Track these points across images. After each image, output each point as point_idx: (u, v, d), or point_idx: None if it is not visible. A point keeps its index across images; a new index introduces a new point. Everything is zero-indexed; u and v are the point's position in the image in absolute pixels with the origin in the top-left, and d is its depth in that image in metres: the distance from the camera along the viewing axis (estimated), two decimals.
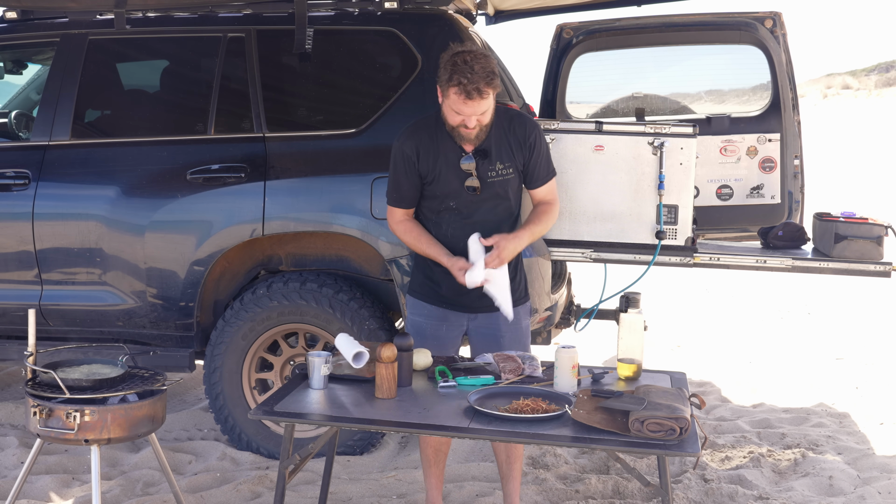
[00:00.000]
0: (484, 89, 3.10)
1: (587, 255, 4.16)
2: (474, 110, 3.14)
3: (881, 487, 3.92)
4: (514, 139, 3.33)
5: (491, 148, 3.30)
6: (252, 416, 2.87)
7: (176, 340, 4.36)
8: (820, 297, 8.16)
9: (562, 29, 5.30)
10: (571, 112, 5.42)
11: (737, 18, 5.11)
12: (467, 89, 3.08)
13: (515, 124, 3.35)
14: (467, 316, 3.45)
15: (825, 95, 36.61)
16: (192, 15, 4.51)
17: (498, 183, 3.33)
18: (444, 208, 3.38)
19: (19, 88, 5.66)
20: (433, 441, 3.45)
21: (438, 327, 3.47)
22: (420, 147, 3.31)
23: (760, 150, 4.99)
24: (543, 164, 3.40)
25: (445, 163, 3.31)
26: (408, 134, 3.35)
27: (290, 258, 4.39)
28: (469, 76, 3.07)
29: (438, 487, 3.55)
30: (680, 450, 2.55)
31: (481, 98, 3.11)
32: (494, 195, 3.35)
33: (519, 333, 3.44)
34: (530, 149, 3.35)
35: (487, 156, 3.30)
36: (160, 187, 4.22)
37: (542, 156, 3.39)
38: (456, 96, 3.11)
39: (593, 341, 6.01)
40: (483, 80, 3.09)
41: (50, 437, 3.19)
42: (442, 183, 3.33)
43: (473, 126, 3.19)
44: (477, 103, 3.12)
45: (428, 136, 3.31)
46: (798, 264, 4.19)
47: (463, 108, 3.13)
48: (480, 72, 3.09)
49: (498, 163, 3.31)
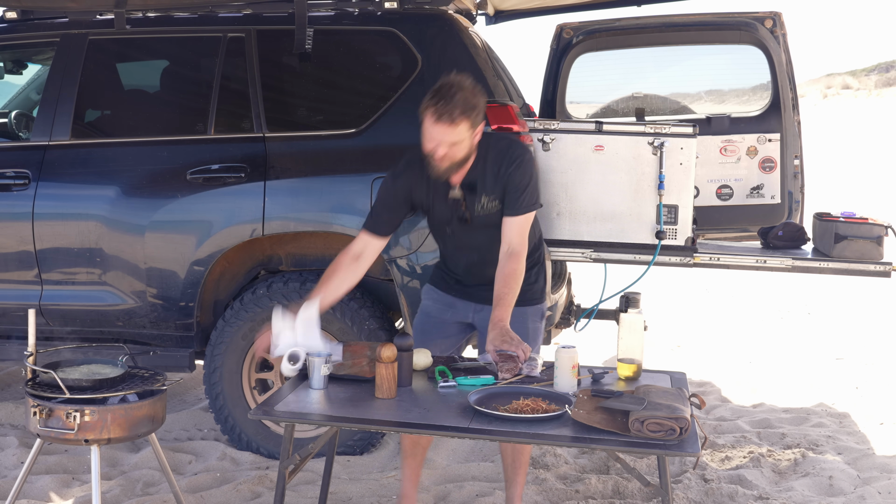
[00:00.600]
0: (457, 117, 3.06)
1: (587, 255, 4.16)
2: (442, 136, 3.09)
3: (881, 487, 3.92)
4: (497, 169, 3.27)
5: (476, 181, 3.28)
6: (252, 416, 2.86)
7: (176, 340, 4.36)
8: (820, 297, 8.16)
9: (562, 29, 5.30)
10: (571, 112, 5.43)
11: (737, 18, 5.12)
12: (439, 112, 3.05)
13: (504, 155, 3.27)
14: (473, 306, 3.47)
15: (825, 95, 36.61)
16: (192, 15, 4.51)
17: (487, 216, 3.32)
18: (441, 234, 3.45)
19: (19, 88, 5.66)
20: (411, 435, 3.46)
21: (444, 311, 3.52)
22: (412, 183, 3.31)
23: (760, 150, 5.00)
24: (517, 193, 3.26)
25: (437, 195, 3.32)
26: (399, 171, 3.35)
27: (290, 258, 4.39)
28: (446, 100, 3.06)
29: (412, 480, 3.53)
30: (680, 450, 2.55)
31: (450, 125, 3.07)
32: (485, 228, 3.34)
33: (524, 333, 3.43)
34: (508, 177, 3.26)
35: (474, 190, 3.28)
36: (160, 187, 4.22)
37: (519, 185, 3.25)
38: (429, 117, 3.09)
39: (593, 341, 6.01)
40: (458, 109, 3.06)
41: (50, 437, 3.18)
42: (436, 214, 3.37)
43: (442, 156, 3.13)
44: (444, 129, 3.07)
45: (419, 169, 3.27)
46: (798, 264, 4.19)
47: (432, 130, 3.09)
48: (459, 101, 3.06)
49: (483, 195, 3.29)
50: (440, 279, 3.56)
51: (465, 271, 3.47)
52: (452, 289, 3.51)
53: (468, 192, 3.29)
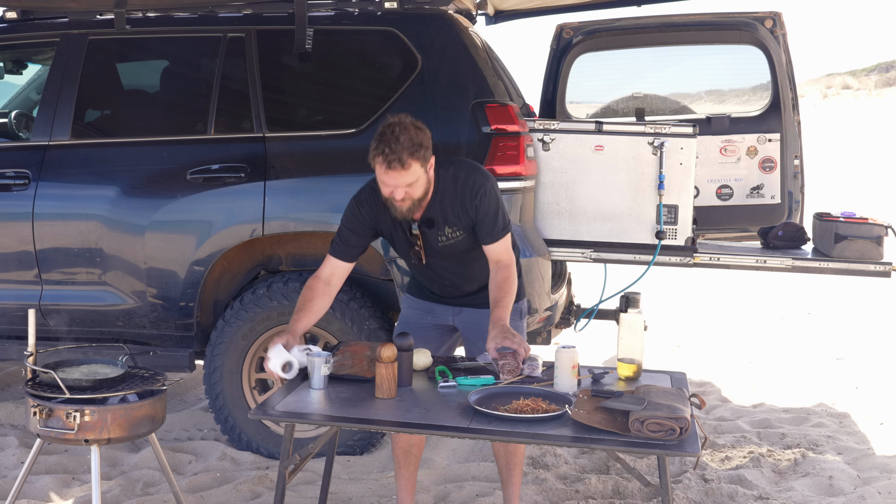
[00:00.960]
0: (406, 160, 3.05)
1: (587, 255, 4.16)
2: (396, 181, 3.09)
3: (881, 487, 3.92)
4: (459, 202, 3.26)
5: (436, 215, 3.27)
6: (252, 416, 2.87)
7: (176, 340, 4.36)
8: (820, 297, 8.16)
9: (562, 29, 5.30)
10: (571, 112, 5.43)
11: (737, 18, 5.12)
12: (388, 159, 3.05)
13: (463, 188, 3.26)
14: (452, 310, 3.49)
15: (825, 95, 36.60)
16: (192, 15, 4.51)
17: (450, 246, 3.33)
18: (410, 263, 3.48)
19: (19, 88, 5.66)
20: (402, 442, 3.43)
21: (423, 316, 3.53)
22: (376, 209, 3.30)
23: (760, 150, 5.00)
24: (490, 223, 3.28)
25: (398, 228, 3.33)
26: (363, 196, 3.33)
27: (290, 258, 4.39)
28: (392, 146, 3.04)
29: (409, 490, 3.50)
30: (680, 450, 2.55)
31: (402, 169, 3.06)
32: (451, 257, 3.36)
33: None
34: (476, 209, 3.26)
35: (433, 225, 3.28)
36: (160, 187, 4.22)
37: (488, 215, 3.27)
38: (379, 166, 3.09)
39: (593, 341, 6.01)
40: (406, 151, 3.05)
41: (50, 437, 3.18)
42: (399, 245, 3.39)
43: (402, 198, 3.14)
44: (398, 174, 3.07)
45: (383, 200, 3.26)
46: (798, 264, 4.19)
47: (386, 178, 3.10)
48: (406, 143, 3.05)
49: (446, 227, 3.29)
50: (416, 289, 3.59)
51: (439, 289, 3.50)
52: (429, 297, 3.54)
53: (426, 227, 3.29)
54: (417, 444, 3.47)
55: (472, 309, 3.46)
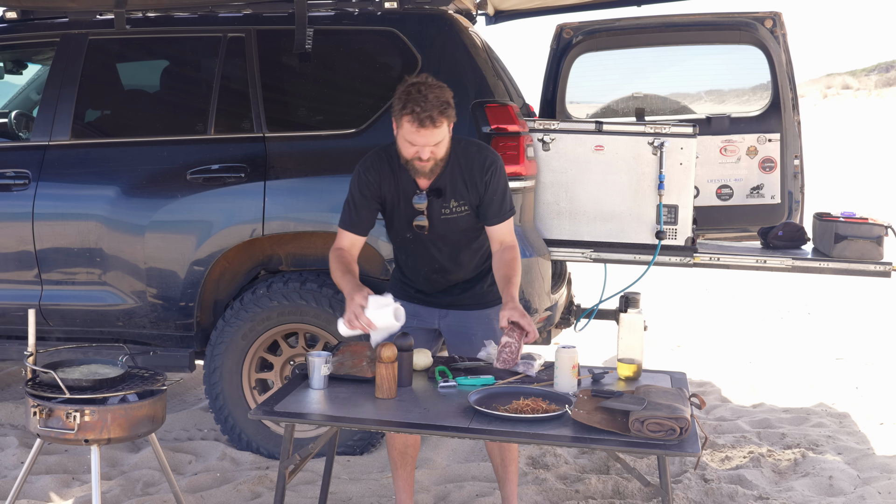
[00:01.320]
0: (437, 118, 3.06)
1: (587, 255, 4.16)
2: (427, 140, 3.09)
3: (881, 487, 3.92)
4: (469, 174, 3.26)
5: (446, 185, 3.25)
6: (252, 416, 2.86)
7: (176, 340, 4.36)
8: (820, 297, 8.16)
9: (562, 29, 5.30)
10: (571, 112, 5.42)
11: (737, 18, 5.12)
12: (420, 117, 3.04)
13: (474, 160, 3.27)
14: (438, 312, 3.45)
15: (825, 95, 36.61)
16: (192, 15, 4.51)
17: (452, 220, 3.29)
18: (401, 239, 3.40)
19: (19, 88, 5.66)
20: (398, 443, 3.42)
21: (409, 321, 3.43)
22: (381, 176, 3.29)
23: (760, 150, 5.00)
24: (498, 201, 3.29)
25: (402, 196, 3.29)
26: (370, 164, 3.32)
27: (290, 258, 4.39)
28: (422, 104, 3.04)
29: (407, 491, 3.49)
30: (680, 450, 2.55)
31: (434, 127, 3.07)
32: (449, 231, 3.32)
33: (491, 333, 3.42)
34: (485, 186, 3.26)
35: (441, 194, 3.26)
36: (160, 187, 4.22)
37: (497, 194, 3.28)
38: (409, 125, 3.07)
39: (593, 341, 6.01)
40: (436, 109, 3.05)
41: (50, 437, 3.18)
42: (398, 215, 3.34)
43: (427, 158, 3.14)
44: (430, 132, 3.07)
45: (389, 167, 3.28)
46: (798, 264, 4.19)
47: (416, 137, 3.09)
48: (434, 101, 3.05)
49: (452, 200, 3.27)
50: (399, 290, 3.48)
51: (424, 279, 3.42)
52: (414, 297, 3.46)
53: (434, 196, 3.26)
54: (413, 445, 3.46)
55: (458, 311, 3.42)
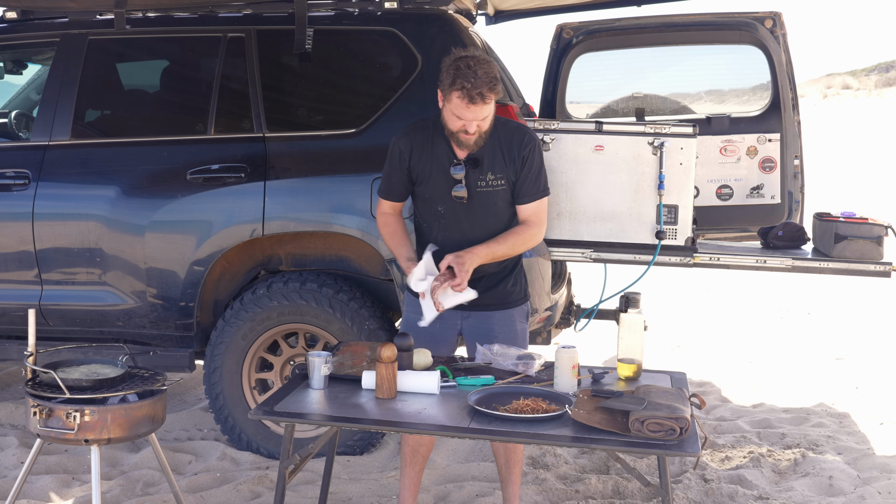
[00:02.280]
0: (487, 94, 3.10)
1: (587, 255, 4.16)
2: (476, 115, 3.14)
3: (881, 487, 3.92)
4: (507, 149, 3.31)
5: (484, 157, 3.29)
6: (252, 416, 2.87)
7: (176, 340, 4.36)
8: (820, 297, 8.16)
9: (562, 29, 5.30)
10: (571, 112, 5.42)
11: (737, 18, 5.11)
12: (471, 94, 3.08)
13: (513, 136, 3.32)
14: (461, 314, 3.44)
15: (825, 95, 36.60)
16: (192, 15, 4.51)
17: (487, 193, 3.31)
18: (432, 213, 3.39)
19: (19, 88, 5.66)
20: (411, 441, 3.43)
21: (432, 324, 3.46)
22: (414, 146, 3.33)
23: (760, 150, 4.99)
24: (532, 181, 3.34)
25: (437, 167, 3.31)
26: (405, 132, 3.38)
27: (290, 258, 4.39)
28: (473, 80, 3.08)
29: (411, 489, 3.49)
30: (680, 450, 2.55)
31: (484, 103, 3.12)
32: (483, 205, 3.33)
33: (513, 335, 3.43)
34: (522, 161, 3.30)
35: (479, 165, 3.28)
36: (160, 187, 4.22)
37: (532, 171, 3.33)
38: (459, 100, 3.11)
39: (593, 341, 6.01)
40: (486, 86, 3.09)
41: (50, 437, 3.19)
42: (431, 186, 3.34)
43: (473, 132, 3.19)
44: (479, 108, 3.12)
45: (424, 137, 3.32)
46: (798, 264, 4.19)
47: (465, 112, 3.13)
48: (483, 77, 3.09)
49: (489, 173, 3.30)
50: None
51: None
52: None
53: (471, 167, 3.29)
54: (426, 445, 3.47)
55: (481, 312, 3.41)
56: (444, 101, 3.19)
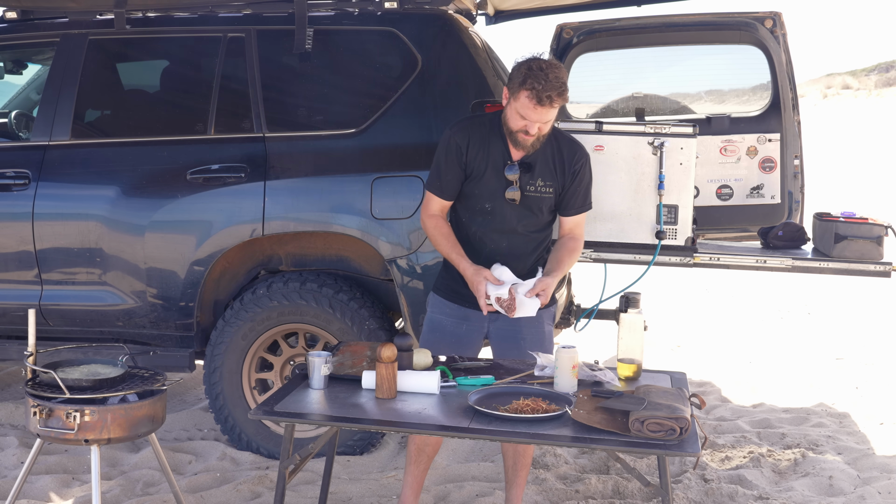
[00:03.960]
0: (555, 98, 3.15)
1: (587, 255, 4.16)
2: (541, 117, 3.19)
3: (881, 487, 3.92)
4: (559, 160, 3.37)
5: (536, 163, 3.34)
6: (252, 416, 2.87)
7: (176, 340, 4.36)
8: (820, 297, 8.16)
9: (562, 29, 5.29)
10: (571, 112, 5.42)
11: (737, 18, 5.11)
12: (540, 95, 3.13)
13: (565, 147, 3.40)
14: (489, 317, 3.41)
15: (825, 95, 36.58)
16: (192, 15, 4.51)
17: (534, 198, 3.36)
18: (478, 209, 3.40)
19: (19, 88, 5.66)
20: (418, 440, 3.44)
21: (459, 325, 3.47)
22: (471, 141, 3.35)
23: (760, 150, 4.99)
24: (581, 195, 3.43)
25: (491, 164, 3.34)
26: (461, 126, 3.39)
27: (290, 258, 4.39)
28: (543, 83, 3.12)
29: (414, 487, 3.49)
30: (680, 450, 2.55)
31: (551, 106, 3.17)
32: (528, 208, 3.37)
33: (541, 337, 3.44)
34: (573, 175, 3.38)
35: (531, 170, 3.33)
36: (160, 187, 4.22)
37: (582, 185, 3.41)
38: (527, 100, 3.16)
39: (593, 341, 6.01)
40: (556, 90, 3.14)
41: (50, 437, 3.19)
42: (483, 183, 3.36)
43: (534, 133, 3.24)
44: (546, 111, 3.17)
45: (480, 134, 3.35)
46: (798, 264, 4.19)
47: (531, 113, 3.18)
48: (554, 80, 3.14)
49: (539, 179, 3.35)
50: (449, 288, 3.47)
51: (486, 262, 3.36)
52: (466, 300, 3.41)
53: (524, 170, 3.33)
54: (432, 444, 3.47)
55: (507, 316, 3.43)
56: (511, 98, 3.23)
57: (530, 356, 3.27)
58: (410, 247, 4.05)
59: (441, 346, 3.41)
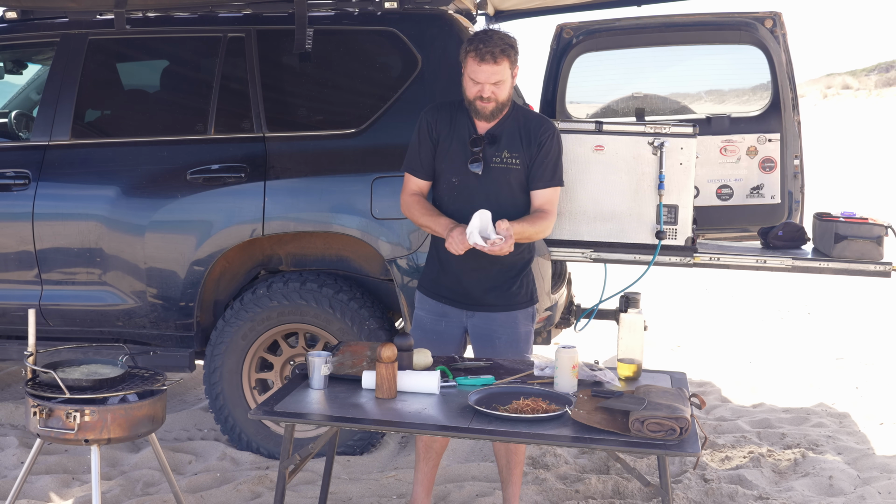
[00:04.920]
0: (498, 55, 3.23)
1: (587, 255, 4.16)
2: (487, 76, 3.25)
3: (881, 487, 3.92)
4: (525, 132, 3.40)
5: (502, 135, 3.38)
6: (252, 416, 2.87)
7: (176, 340, 4.36)
8: (820, 297, 8.16)
9: (562, 29, 5.29)
10: (571, 112, 5.42)
11: (737, 18, 5.11)
12: (482, 52, 3.23)
13: (533, 120, 3.45)
14: (465, 313, 3.47)
15: (825, 95, 36.57)
16: (192, 15, 4.51)
17: (501, 170, 3.38)
18: (447, 185, 3.44)
19: (19, 88, 5.66)
20: (425, 437, 3.46)
21: (438, 322, 3.50)
22: (440, 118, 3.44)
23: (760, 150, 4.99)
24: (549, 168, 3.41)
25: (456, 138, 3.40)
26: (432, 107, 3.52)
27: (290, 258, 4.39)
28: (486, 42, 3.24)
29: (424, 484, 3.51)
30: (680, 450, 2.55)
31: (495, 63, 3.24)
32: (496, 181, 3.38)
33: (515, 337, 3.44)
34: (539, 146, 3.39)
35: (496, 142, 3.37)
36: (160, 187, 4.22)
37: (548, 158, 3.41)
38: (472, 61, 3.26)
39: (593, 341, 6.01)
40: (498, 47, 3.24)
41: (50, 437, 3.19)
42: (450, 157, 3.42)
43: (488, 97, 3.29)
44: (490, 67, 3.24)
45: (449, 111, 3.45)
46: (798, 264, 4.19)
47: (478, 72, 3.26)
48: (498, 41, 3.25)
49: (505, 151, 3.38)
50: (430, 283, 3.53)
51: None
52: (443, 294, 3.48)
53: (489, 142, 3.37)
54: (440, 441, 3.50)
55: (484, 313, 3.44)
56: (463, 67, 3.33)
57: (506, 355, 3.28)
58: (410, 247, 4.05)
59: (423, 343, 3.41)
